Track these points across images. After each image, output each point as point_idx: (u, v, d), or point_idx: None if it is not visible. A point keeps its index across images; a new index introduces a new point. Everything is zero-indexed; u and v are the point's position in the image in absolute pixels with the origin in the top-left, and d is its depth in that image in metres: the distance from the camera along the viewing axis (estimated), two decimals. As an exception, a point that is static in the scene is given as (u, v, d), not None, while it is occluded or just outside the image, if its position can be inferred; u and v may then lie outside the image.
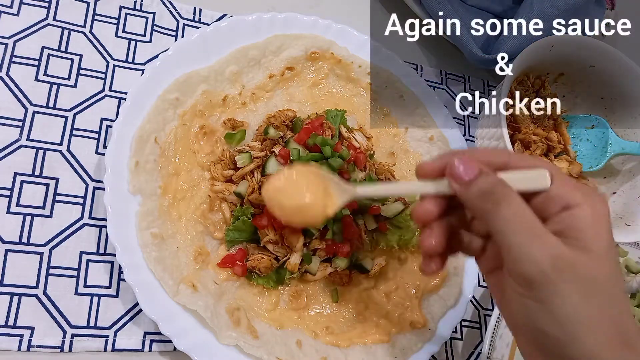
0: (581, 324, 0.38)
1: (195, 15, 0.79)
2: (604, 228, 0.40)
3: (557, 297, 0.38)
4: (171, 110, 0.67)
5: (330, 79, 0.81)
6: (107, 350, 0.59)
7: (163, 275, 0.59)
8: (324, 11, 0.86)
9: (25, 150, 0.63)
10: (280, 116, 0.72)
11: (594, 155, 0.85)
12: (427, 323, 0.69)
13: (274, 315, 0.64)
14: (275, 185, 0.53)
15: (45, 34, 0.68)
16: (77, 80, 0.68)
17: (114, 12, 0.74)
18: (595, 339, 0.38)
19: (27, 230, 0.60)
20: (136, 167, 0.62)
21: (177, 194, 0.65)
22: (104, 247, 0.63)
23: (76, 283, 0.60)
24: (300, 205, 0.52)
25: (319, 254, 0.66)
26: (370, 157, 0.75)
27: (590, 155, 0.85)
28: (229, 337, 0.59)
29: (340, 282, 0.69)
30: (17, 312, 0.57)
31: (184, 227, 0.64)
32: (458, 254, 0.49)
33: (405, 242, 0.74)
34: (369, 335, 0.66)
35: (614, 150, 0.83)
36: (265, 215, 0.64)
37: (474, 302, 0.79)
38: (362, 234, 0.70)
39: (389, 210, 0.73)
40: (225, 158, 0.68)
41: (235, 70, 0.73)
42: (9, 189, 0.61)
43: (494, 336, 0.68)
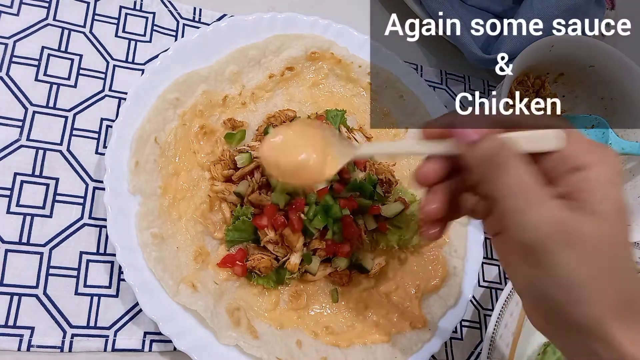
0: (584, 288, 0.37)
1: (195, 15, 0.79)
2: (614, 190, 0.38)
3: (556, 263, 0.37)
4: (171, 110, 0.67)
5: (330, 79, 0.81)
6: (107, 350, 0.59)
7: (163, 275, 0.59)
8: (324, 11, 0.86)
9: (25, 150, 0.63)
10: (280, 116, 0.72)
11: None
12: (427, 323, 0.69)
13: (274, 315, 0.64)
14: (272, 143, 0.51)
15: (45, 33, 0.68)
16: (77, 80, 0.68)
17: (114, 12, 0.74)
18: (599, 303, 0.37)
19: (27, 230, 0.60)
20: (136, 167, 0.62)
21: (177, 194, 0.65)
22: (104, 247, 0.63)
23: (76, 283, 0.60)
24: (298, 164, 0.49)
25: (319, 254, 0.66)
26: (370, 157, 0.75)
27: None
28: (229, 337, 0.59)
29: (340, 282, 0.69)
30: (17, 312, 0.57)
31: (184, 227, 0.64)
32: (462, 217, 0.48)
33: (405, 242, 0.74)
34: (369, 335, 0.66)
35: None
36: (265, 215, 0.64)
37: (474, 302, 0.79)
38: (362, 234, 0.70)
39: (389, 210, 0.73)
40: (225, 158, 0.68)
41: (235, 70, 0.73)
42: (9, 189, 0.61)
43: (494, 336, 0.68)
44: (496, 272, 0.83)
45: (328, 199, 0.65)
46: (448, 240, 0.76)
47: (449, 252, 0.75)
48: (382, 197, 0.73)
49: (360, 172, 0.72)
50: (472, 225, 0.78)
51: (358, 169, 0.72)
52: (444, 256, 0.75)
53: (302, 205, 0.64)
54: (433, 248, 0.76)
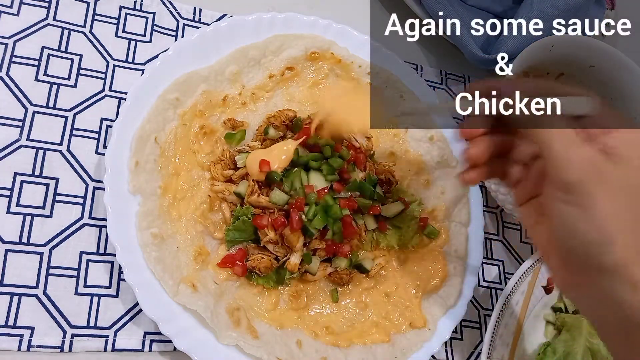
0: (616, 226, 0.41)
1: (195, 15, 0.79)
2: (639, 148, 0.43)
3: (594, 199, 0.41)
4: (171, 110, 0.67)
5: (330, 79, 0.81)
6: (107, 350, 0.59)
7: (163, 275, 0.59)
8: (324, 11, 0.86)
9: (25, 150, 0.63)
10: (280, 116, 0.72)
11: None
12: (427, 323, 0.69)
13: (274, 315, 0.64)
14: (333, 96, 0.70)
15: (45, 33, 0.68)
16: (77, 80, 0.68)
17: (114, 12, 0.74)
18: (626, 245, 0.41)
19: (27, 230, 0.60)
20: (136, 167, 0.62)
21: (177, 193, 0.65)
22: (104, 247, 0.63)
23: (76, 283, 0.60)
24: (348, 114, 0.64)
25: (319, 254, 0.66)
26: (370, 157, 0.75)
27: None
28: (229, 337, 0.59)
29: (340, 282, 0.69)
30: (17, 312, 0.57)
31: (184, 227, 0.64)
32: (496, 179, 0.56)
33: (405, 242, 0.74)
34: (369, 335, 0.66)
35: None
36: (265, 216, 0.64)
37: (474, 302, 0.79)
38: (362, 234, 0.70)
39: (389, 210, 0.73)
40: (225, 158, 0.68)
41: (235, 70, 0.73)
42: (9, 189, 0.61)
43: (494, 336, 0.68)
44: (496, 272, 0.83)
45: (328, 199, 0.65)
46: (448, 240, 0.76)
47: (449, 252, 0.75)
48: (382, 197, 0.73)
49: (360, 172, 0.72)
50: (472, 226, 0.79)
51: (358, 169, 0.72)
52: (444, 256, 0.75)
53: (302, 205, 0.64)
54: (433, 248, 0.76)
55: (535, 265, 0.75)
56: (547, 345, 0.73)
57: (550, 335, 0.76)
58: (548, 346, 0.72)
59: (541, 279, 0.76)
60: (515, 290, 0.72)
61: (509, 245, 0.86)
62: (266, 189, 0.66)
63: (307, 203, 0.65)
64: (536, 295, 0.75)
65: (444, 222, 0.78)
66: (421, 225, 0.75)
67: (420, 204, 0.76)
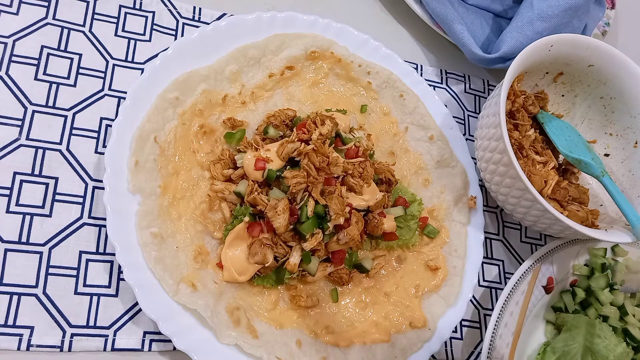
0: None
1: (195, 14, 0.79)
2: None
3: None
4: (171, 110, 0.66)
5: (330, 78, 0.81)
6: (107, 350, 0.59)
7: (163, 274, 0.59)
8: (324, 10, 0.86)
9: (25, 150, 0.63)
10: (280, 115, 0.72)
11: (575, 142, 0.83)
12: (427, 323, 0.69)
13: (274, 315, 0.64)
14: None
15: (44, 33, 0.68)
16: (76, 79, 0.68)
17: (114, 11, 0.73)
18: None
19: (26, 229, 0.60)
20: (136, 166, 0.62)
21: (177, 193, 0.65)
22: (104, 246, 0.63)
23: (76, 282, 0.60)
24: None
25: (318, 254, 0.66)
26: (370, 157, 0.75)
27: (571, 142, 0.83)
28: (228, 337, 0.59)
29: (340, 282, 0.69)
30: (16, 312, 0.57)
31: (183, 227, 0.64)
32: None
33: (405, 242, 0.74)
34: (368, 335, 0.66)
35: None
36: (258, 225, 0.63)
37: (474, 302, 0.79)
38: (362, 234, 0.70)
39: (390, 212, 0.73)
40: (224, 157, 0.68)
41: (235, 69, 0.73)
42: (9, 189, 0.61)
43: (494, 336, 0.68)
44: (496, 272, 0.83)
45: (319, 209, 0.64)
46: (448, 240, 0.76)
47: (449, 252, 0.75)
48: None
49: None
50: (471, 226, 0.79)
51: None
52: (444, 256, 0.75)
53: (295, 209, 0.64)
54: (433, 248, 0.76)
55: (535, 265, 0.75)
56: (547, 345, 0.73)
57: (550, 335, 0.76)
58: (548, 346, 0.72)
59: (541, 279, 0.76)
60: (515, 290, 0.72)
61: (509, 245, 0.86)
62: (265, 188, 0.66)
63: (300, 208, 0.64)
64: (536, 295, 0.75)
65: (443, 221, 0.78)
66: (421, 225, 0.75)
67: (420, 203, 0.76)
